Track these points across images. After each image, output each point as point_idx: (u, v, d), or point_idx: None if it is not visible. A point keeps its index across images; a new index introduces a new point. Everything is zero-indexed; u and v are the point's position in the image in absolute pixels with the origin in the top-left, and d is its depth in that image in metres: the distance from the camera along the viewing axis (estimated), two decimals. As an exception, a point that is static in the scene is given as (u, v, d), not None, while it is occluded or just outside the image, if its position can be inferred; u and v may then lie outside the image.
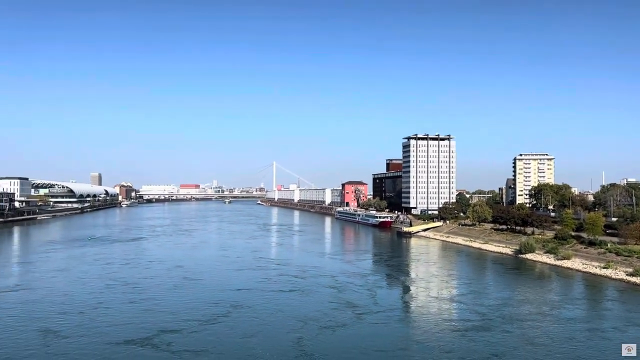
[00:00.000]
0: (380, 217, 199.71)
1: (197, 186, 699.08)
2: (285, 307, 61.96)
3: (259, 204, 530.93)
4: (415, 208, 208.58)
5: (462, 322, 56.31)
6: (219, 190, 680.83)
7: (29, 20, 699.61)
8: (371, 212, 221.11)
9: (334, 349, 47.01)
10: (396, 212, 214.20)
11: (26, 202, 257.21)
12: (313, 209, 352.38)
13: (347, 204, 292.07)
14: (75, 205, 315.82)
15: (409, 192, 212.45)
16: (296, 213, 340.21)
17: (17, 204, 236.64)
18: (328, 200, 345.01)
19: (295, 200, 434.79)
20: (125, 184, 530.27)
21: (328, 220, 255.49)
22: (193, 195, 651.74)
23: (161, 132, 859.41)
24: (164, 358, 43.86)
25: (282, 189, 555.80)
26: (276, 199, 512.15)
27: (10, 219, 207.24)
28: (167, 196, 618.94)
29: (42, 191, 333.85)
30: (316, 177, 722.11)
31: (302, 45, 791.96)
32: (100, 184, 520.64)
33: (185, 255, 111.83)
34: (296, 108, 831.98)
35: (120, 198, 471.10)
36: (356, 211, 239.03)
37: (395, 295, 75.01)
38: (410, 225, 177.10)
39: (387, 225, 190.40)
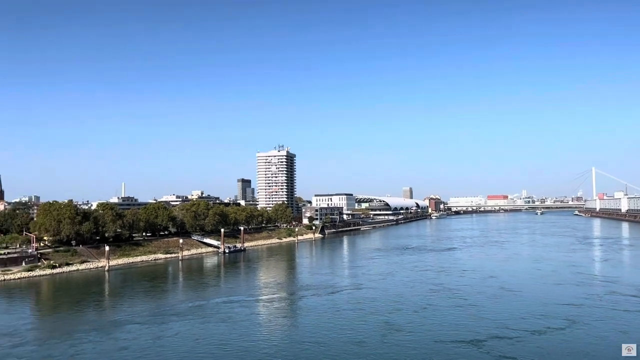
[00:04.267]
0: None
1: (505, 197, 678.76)
2: (622, 329, 55.80)
3: (576, 214, 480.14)
4: None
5: None
6: (528, 201, 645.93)
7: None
8: None
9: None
10: None
11: (351, 214, 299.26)
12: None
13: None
14: (390, 218, 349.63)
15: None
16: (624, 225, 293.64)
17: (344, 217, 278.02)
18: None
19: (623, 210, 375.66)
20: (434, 197, 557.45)
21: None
22: (501, 207, 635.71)
23: (467, 145, 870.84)
24: (489, 361, 45.96)
25: (605, 197, 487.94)
26: (597, 209, 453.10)
27: (340, 229, 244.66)
28: (474, 207, 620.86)
29: (363, 205, 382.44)
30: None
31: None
32: (411, 197, 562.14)
33: (497, 267, 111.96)
34: (617, 100, 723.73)
35: (430, 210, 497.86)
36: None
37: None
38: None
39: None
